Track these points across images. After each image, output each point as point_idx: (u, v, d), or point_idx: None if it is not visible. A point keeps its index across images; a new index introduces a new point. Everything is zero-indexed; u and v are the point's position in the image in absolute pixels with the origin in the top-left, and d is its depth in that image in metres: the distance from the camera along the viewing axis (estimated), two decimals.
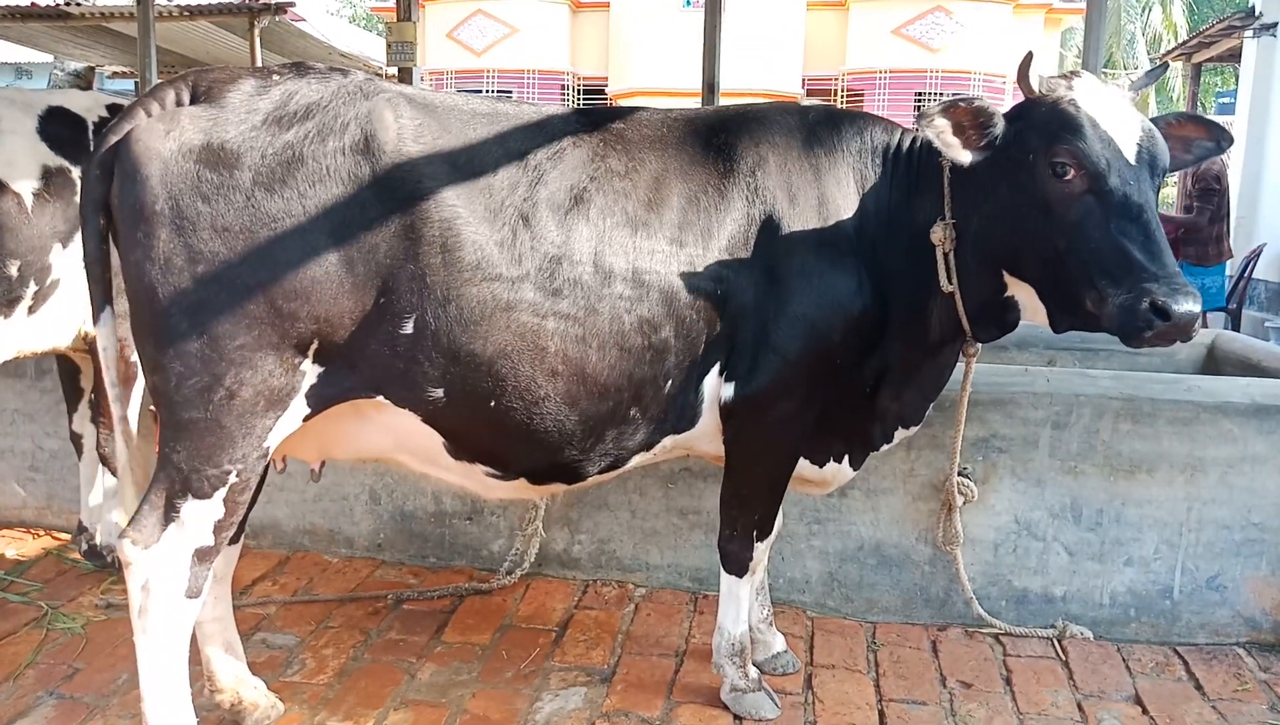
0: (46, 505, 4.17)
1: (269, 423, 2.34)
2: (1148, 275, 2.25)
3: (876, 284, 2.63)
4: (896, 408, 2.84)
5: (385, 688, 3.03)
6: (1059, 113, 2.39)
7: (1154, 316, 2.22)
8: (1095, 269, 2.32)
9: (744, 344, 2.59)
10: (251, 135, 2.25)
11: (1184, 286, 2.23)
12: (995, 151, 2.45)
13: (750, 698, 2.93)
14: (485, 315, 2.36)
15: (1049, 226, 2.39)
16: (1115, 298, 2.27)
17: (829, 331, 2.59)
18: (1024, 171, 2.42)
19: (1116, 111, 2.40)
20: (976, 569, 3.49)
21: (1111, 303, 2.28)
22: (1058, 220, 2.38)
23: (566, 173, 2.48)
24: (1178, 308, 2.20)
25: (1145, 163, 2.37)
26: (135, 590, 2.35)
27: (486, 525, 3.83)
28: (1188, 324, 2.22)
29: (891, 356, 2.72)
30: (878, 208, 2.66)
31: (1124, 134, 2.37)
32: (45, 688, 2.97)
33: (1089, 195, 2.34)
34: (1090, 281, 2.33)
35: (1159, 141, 2.42)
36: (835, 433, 2.85)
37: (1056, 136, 2.36)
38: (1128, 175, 2.33)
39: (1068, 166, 2.34)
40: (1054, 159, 2.35)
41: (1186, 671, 3.27)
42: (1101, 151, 2.34)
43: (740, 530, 2.87)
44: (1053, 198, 2.37)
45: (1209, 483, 3.39)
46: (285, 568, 3.85)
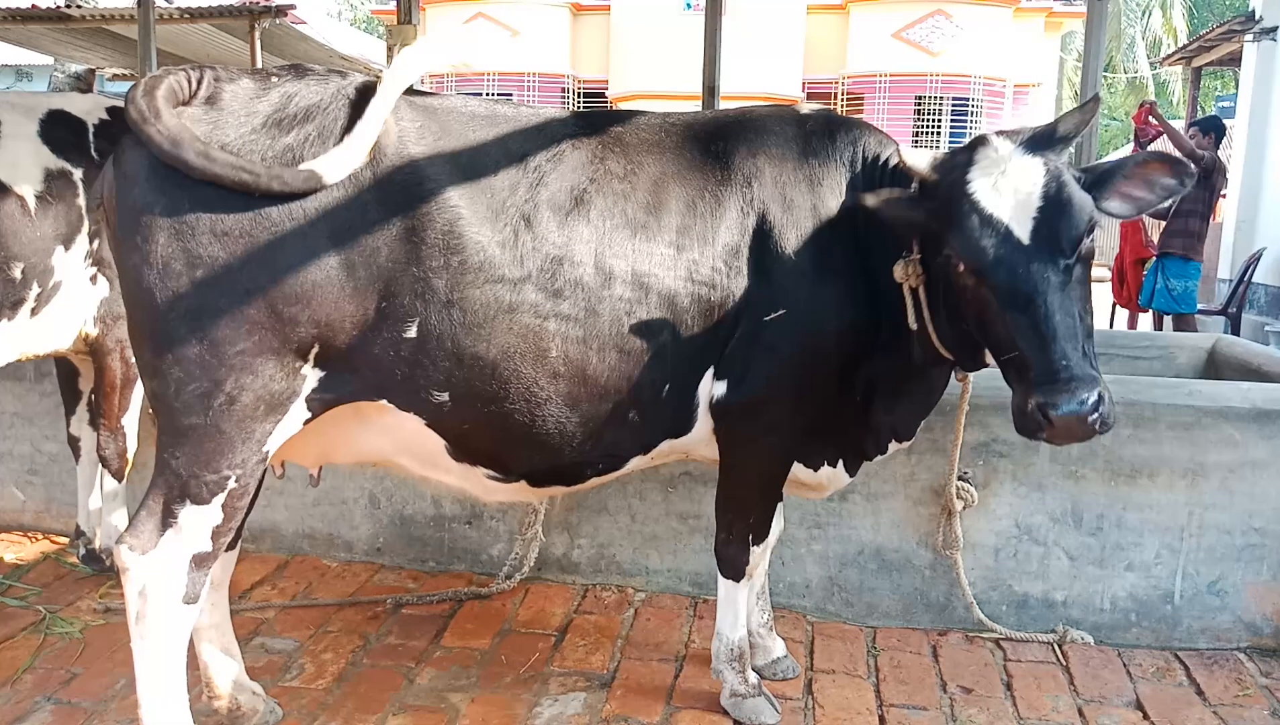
0: (45, 509, 4.16)
1: (269, 428, 2.33)
2: (1037, 374, 2.21)
3: (869, 293, 2.62)
4: (889, 421, 2.82)
5: (384, 693, 3.02)
6: (947, 201, 2.33)
7: (1039, 418, 2.19)
8: (1004, 366, 2.33)
9: (738, 350, 2.59)
10: (251, 138, 2.23)
11: (1066, 384, 2.15)
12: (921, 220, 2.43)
13: (750, 703, 2.92)
14: (489, 317, 2.36)
15: (961, 311, 2.40)
16: (1014, 397, 2.29)
17: (820, 338, 2.59)
18: (935, 250, 2.41)
19: (1014, 183, 2.28)
20: (977, 574, 3.49)
21: (1012, 401, 2.30)
22: (964, 307, 2.38)
23: (566, 174, 2.48)
24: (1054, 413, 2.15)
25: (1044, 239, 2.24)
26: (133, 596, 2.34)
27: (486, 530, 3.82)
28: (1071, 425, 2.16)
29: (883, 369, 2.71)
30: (868, 219, 2.64)
31: (1019, 211, 2.26)
32: (43, 692, 2.96)
33: (981, 287, 2.30)
34: (1006, 377, 2.36)
35: (1067, 206, 2.26)
36: (828, 439, 2.84)
37: (942, 230, 2.33)
38: (1018, 262, 2.24)
39: (955, 261, 2.32)
40: (944, 252, 2.34)
41: (1188, 676, 3.27)
42: (985, 243, 2.25)
43: (735, 534, 2.86)
44: (956, 286, 2.37)
45: (1210, 487, 3.39)
46: (284, 572, 3.84)
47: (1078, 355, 2.20)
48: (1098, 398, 2.17)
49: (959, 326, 2.48)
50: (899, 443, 2.90)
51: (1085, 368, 2.20)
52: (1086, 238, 2.29)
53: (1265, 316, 10.96)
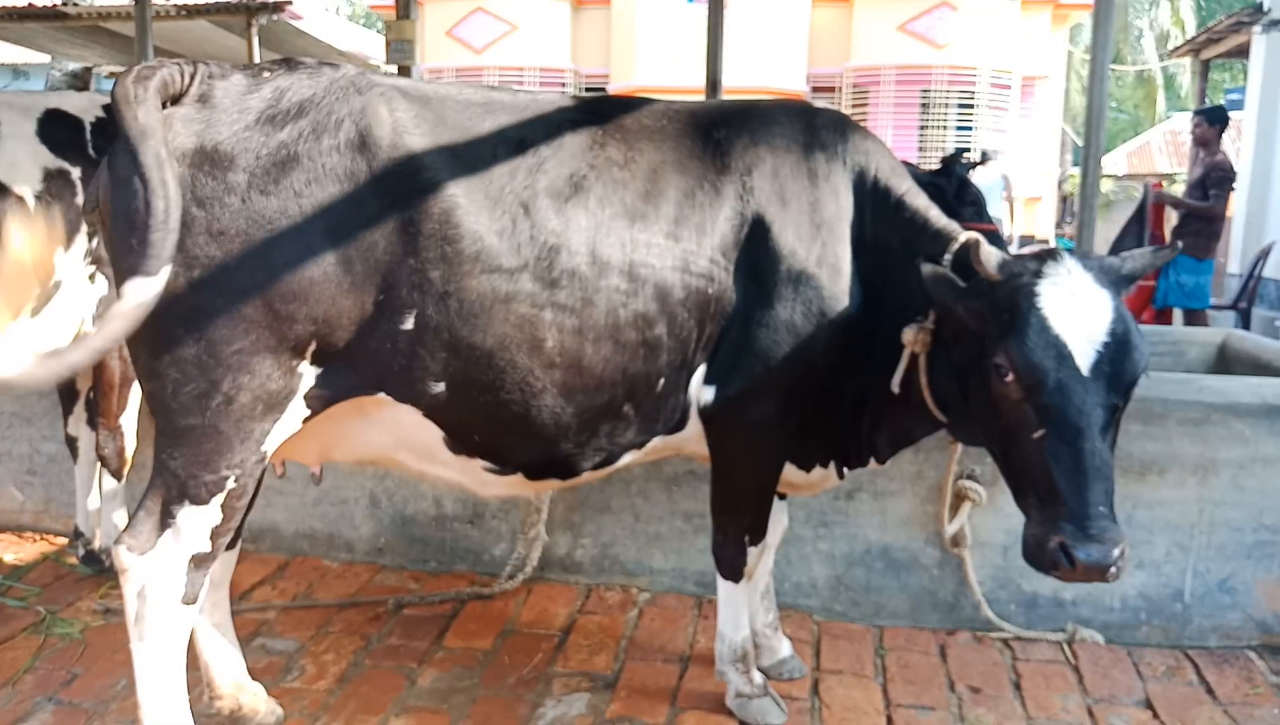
0: (44, 509, 4.14)
1: (267, 427, 2.31)
2: (1064, 512, 2.14)
3: (865, 301, 2.58)
4: (872, 439, 2.78)
5: (386, 694, 2.99)
6: (1012, 304, 2.23)
7: (1061, 557, 2.14)
8: (1025, 480, 2.27)
9: (729, 347, 2.56)
10: (245, 136, 2.20)
11: (1098, 532, 2.11)
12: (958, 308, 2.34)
13: (756, 703, 2.89)
14: (485, 307, 2.33)
15: (992, 416, 2.32)
16: (1031, 525, 2.23)
17: (812, 339, 2.54)
18: (975, 351, 2.33)
19: (1084, 311, 2.20)
20: (986, 572, 3.45)
21: (1028, 528, 2.25)
22: (997, 417, 2.30)
23: (565, 161, 2.45)
24: (1082, 557, 2.11)
25: (1103, 375, 2.18)
26: (131, 597, 2.32)
27: (488, 529, 3.79)
28: (1093, 572, 2.12)
29: (874, 387, 2.66)
30: (875, 239, 2.61)
31: (1084, 340, 2.18)
32: (44, 693, 2.95)
33: (1025, 404, 2.21)
34: (1019, 490, 2.31)
35: (1130, 349, 2.20)
36: (820, 441, 2.80)
37: (1001, 332, 2.22)
38: (1074, 389, 2.16)
39: (1006, 370, 2.22)
40: (994, 357, 2.24)
41: (1198, 675, 3.23)
42: (1045, 360, 2.17)
43: (731, 535, 2.83)
44: (995, 394, 2.27)
45: (1220, 484, 3.35)
46: (285, 572, 3.82)
47: (1109, 500, 2.16)
48: (1121, 552, 2.13)
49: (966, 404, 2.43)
50: (877, 462, 2.85)
51: (1113, 518, 2.15)
52: (1136, 386, 2.24)
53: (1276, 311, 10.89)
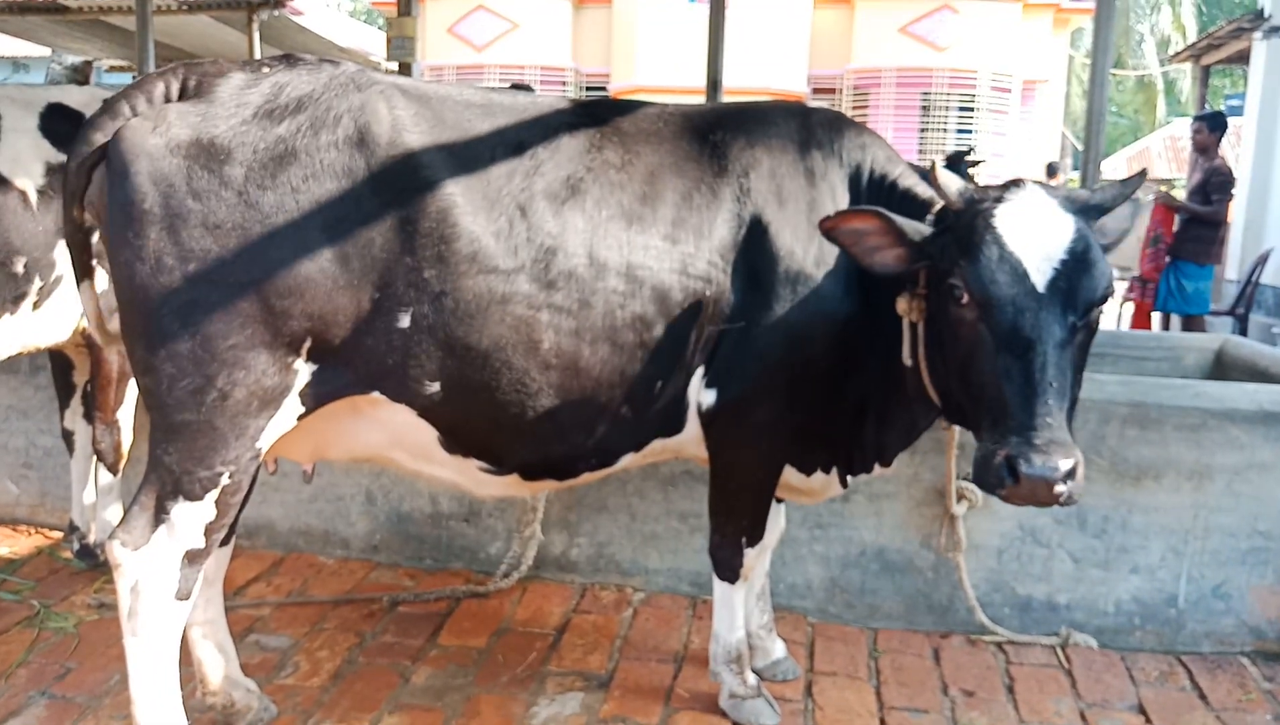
0: (40, 503, 4.14)
1: (262, 423, 2.31)
2: (1012, 426, 2.10)
3: (864, 302, 2.57)
4: (876, 442, 2.77)
5: (380, 691, 2.99)
6: (968, 229, 2.24)
7: (1004, 472, 2.09)
8: (979, 405, 2.23)
9: (727, 348, 2.55)
10: (242, 130, 2.21)
11: (1043, 442, 2.05)
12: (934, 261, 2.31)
13: (749, 704, 2.89)
14: (481, 308, 2.33)
15: (952, 345, 2.29)
16: (982, 444, 2.19)
17: (811, 340, 2.54)
18: (939, 284, 2.31)
19: (1041, 230, 2.20)
20: (980, 576, 3.45)
21: (978, 447, 2.20)
22: (955, 344, 2.28)
23: (563, 163, 2.45)
24: (1024, 468, 2.05)
25: (1059, 292, 2.16)
26: (125, 592, 2.32)
27: (484, 527, 3.79)
28: (1038, 486, 2.05)
29: (875, 388, 2.66)
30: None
31: (1039, 257, 2.17)
32: (37, 687, 2.94)
33: (980, 324, 2.20)
34: (975, 416, 2.26)
35: (1090, 267, 2.18)
36: (822, 445, 2.79)
37: (956, 255, 2.23)
38: (1027, 306, 2.15)
39: (960, 291, 2.21)
40: (951, 280, 2.23)
41: (1191, 681, 3.23)
42: (999, 278, 2.16)
43: (728, 537, 2.83)
44: (952, 318, 2.26)
45: (1216, 490, 3.35)
46: (279, 569, 3.82)
47: (1061, 418, 2.11)
48: (1072, 467, 2.07)
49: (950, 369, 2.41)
50: (881, 467, 2.84)
51: (1066, 434, 2.11)
52: (1098, 307, 2.22)
53: (1273, 317, 10.90)
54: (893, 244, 2.34)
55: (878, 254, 2.34)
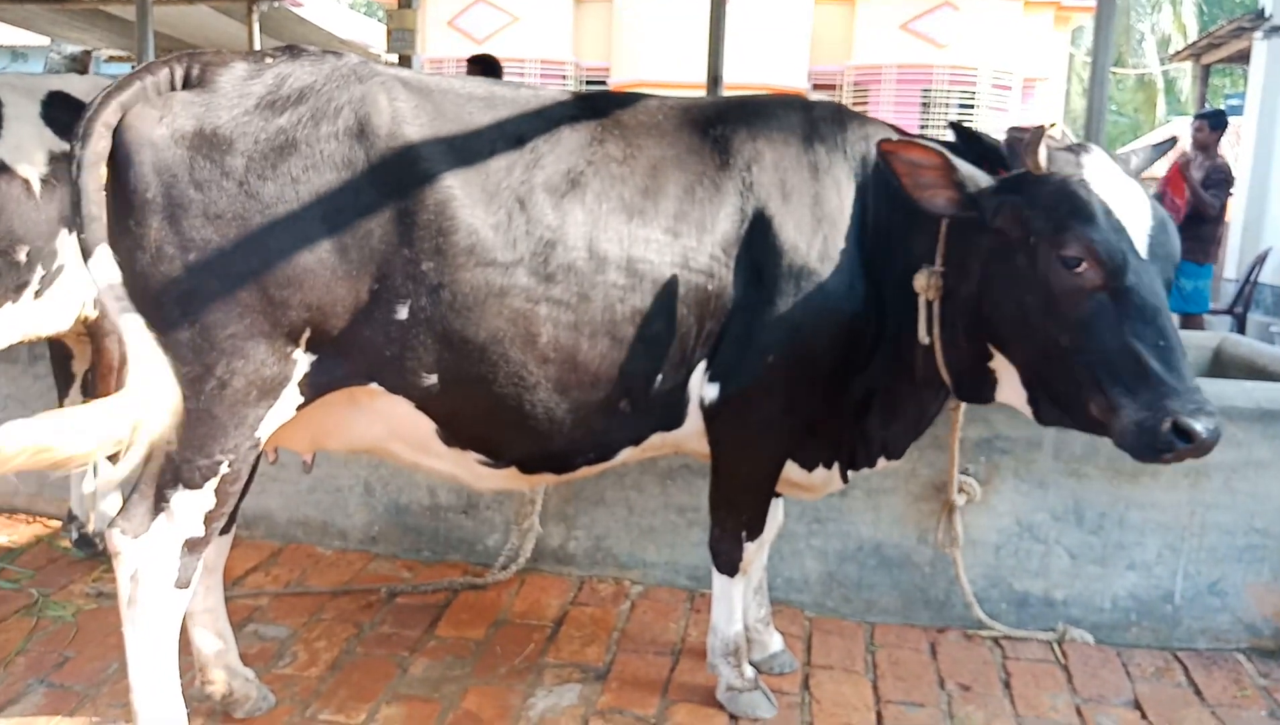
0: (38, 492, 4.13)
1: (261, 412, 2.31)
2: (1167, 390, 2.09)
3: (870, 293, 2.57)
4: (883, 436, 2.77)
5: (378, 682, 3.00)
6: (1069, 195, 2.20)
7: (1175, 439, 2.07)
8: (1106, 375, 2.16)
9: (730, 343, 2.55)
10: (244, 120, 2.21)
11: (1206, 403, 2.08)
12: (984, 218, 2.30)
13: (746, 697, 2.90)
14: (479, 300, 2.33)
15: (1051, 318, 2.23)
16: (1130, 413, 2.12)
17: (815, 335, 2.54)
18: (1024, 253, 2.26)
19: (1129, 196, 2.21)
20: (978, 571, 3.46)
21: (1126, 418, 2.13)
22: (1063, 315, 2.21)
23: (564, 157, 2.44)
24: (1202, 429, 2.05)
25: (1159, 257, 2.19)
26: (124, 580, 2.32)
27: (482, 520, 3.80)
28: (1211, 446, 2.08)
29: (881, 380, 2.67)
30: (876, 223, 2.59)
31: (1137, 223, 2.18)
32: (35, 675, 2.95)
33: (1102, 292, 2.16)
34: (1098, 387, 2.18)
35: (1172, 233, 2.24)
36: (824, 440, 2.80)
37: (1067, 224, 2.18)
38: (1145, 269, 2.15)
39: (1080, 259, 2.16)
40: (1064, 249, 2.17)
41: (1186, 677, 3.24)
42: (1117, 244, 2.15)
43: (729, 530, 2.84)
44: (1059, 290, 2.20)
45: (1212, 487, 3.36)
46: (278, 559, 3.82)
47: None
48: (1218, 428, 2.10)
49: (975, 346, 2.43)
50: (887, 460, 2.84)
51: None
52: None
53: (1271, 316, 10.92)
54: (946, 186, 2.31)
55: (928, 191, 2.32)
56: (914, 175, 2.32)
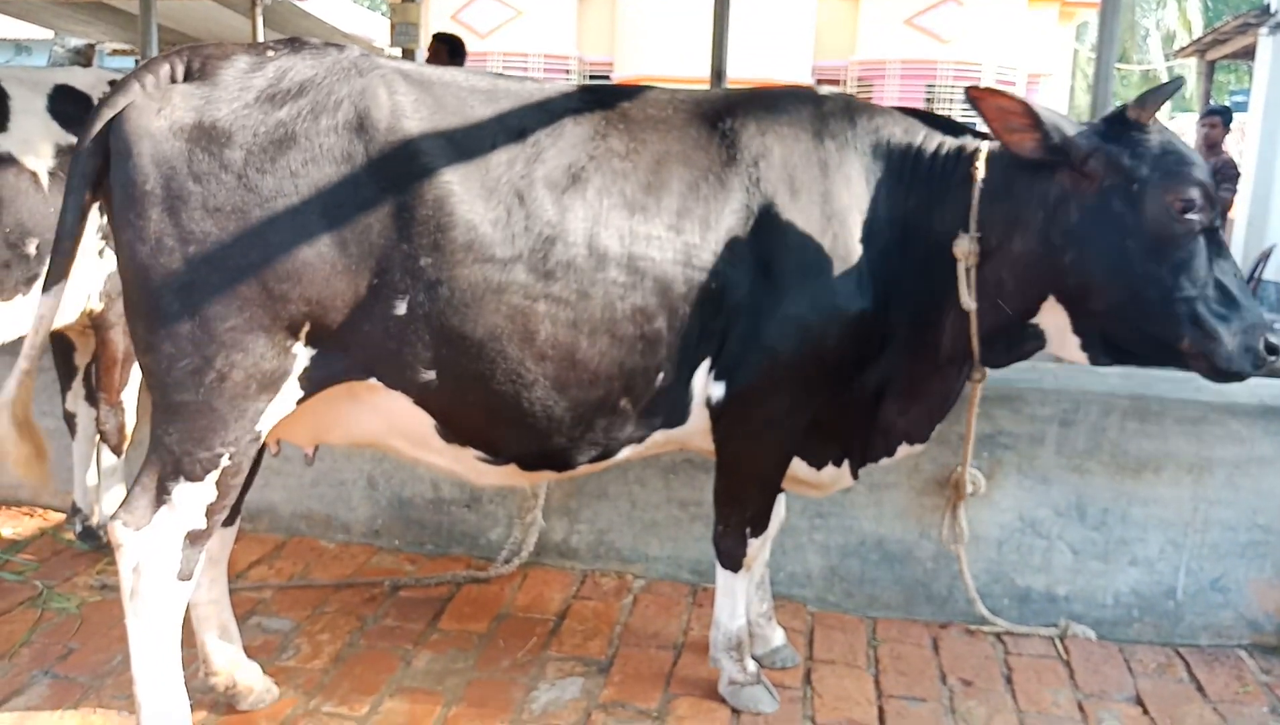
0: (42, 484, 4.13)
1: (261, 406, 2.31)
2: (1252, 314, 2.36)
3: (881, 290, 2.56)
4: (902, 423, 2.77)
5: (381, 674, 3.00)
6: (1174, 146, 2.39)
7: (1269, 354, 2.34)
8: (1204, 308, 2.35)
9: (735, 341, 2.53)
10: (244, 113, 2.20)
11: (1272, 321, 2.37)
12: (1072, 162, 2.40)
13: (748, 691, 2.90)
14: (477, 297, 2.32)
15: (1155, 260, 2.36)
16: (1230, 338, 2.34)
17: (823, 334, 2.53)
18: (1121, 199, 2.37)
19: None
20: (980, 566, 3.46)
21: (1228, 342, 2.34)
22: (1169, 255, 2.36)
23: (565, 151, 2.42)
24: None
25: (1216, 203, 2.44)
26: (126, 572, 2.33)
27: (485, 513, 3.80)
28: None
29: (896, 368, 2.66)
30: (890, 212, 2.59)
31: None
32: (40, 667, 2.96)
33: (1202, 235, 2.36)
34: (1195, 320, 2.36)
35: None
36: (833, 438, 2.79)
37: (1181, 175, 2.34)
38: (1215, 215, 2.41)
39: (1193, 206, 2.33)
40: (1182, 196, 2.33)
41: (1188, 673, 3.24)
42: (1214, 190, 2.40)
43: (733, 526, 2.83)
44: (1169, 233, 2.35)
45: (1215, 483, 3.36)
46: (281, 552, 3.83)
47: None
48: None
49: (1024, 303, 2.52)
50: (910, 446, 2.83)
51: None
52: None
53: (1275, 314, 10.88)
54: (1033, 130, 2.40)
55: (1016, 135, 2.42)
56: (1003, 120, 2.42)
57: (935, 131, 2.67)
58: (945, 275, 2.53)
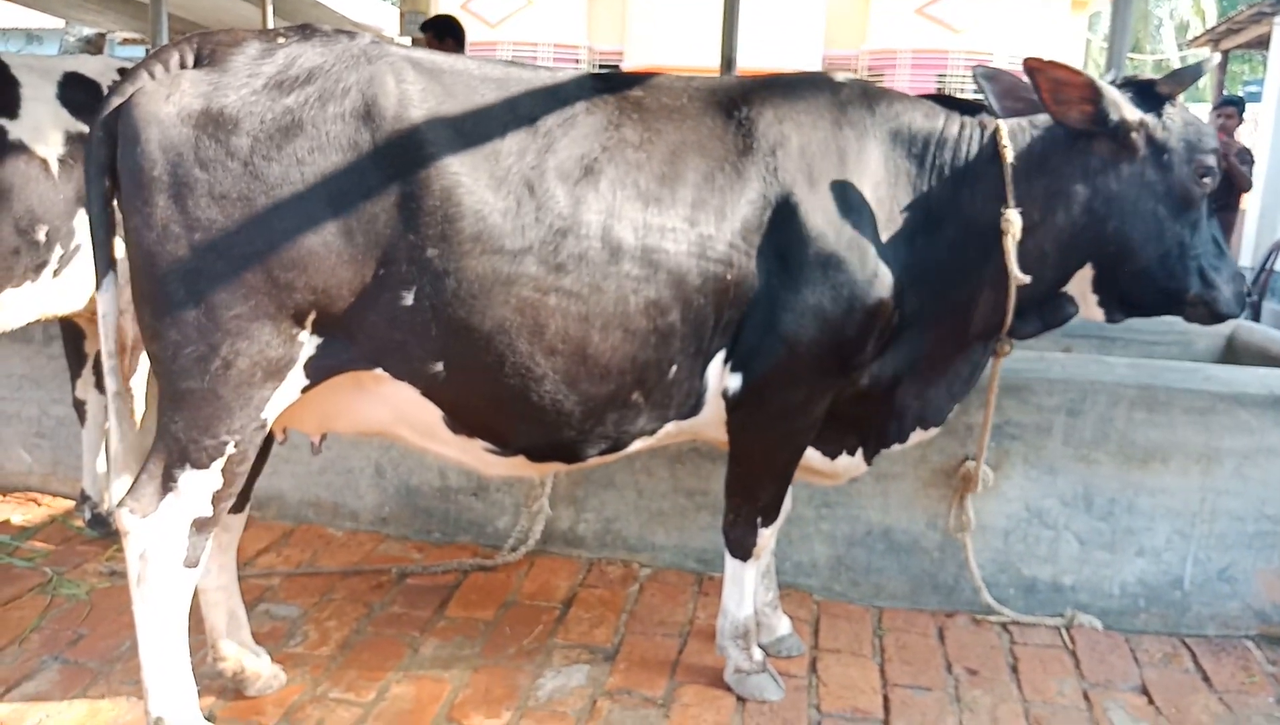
0: (52, 471, 4.17)
1: (266, 394, 2.32)
2: (1235, 264, 2.70)
3: (901, 277, 2.56)
4: (918, 406, 2.77)
5: (387, 661, 3.02)
6: (1194, 121, 2.61)
7: (1246, 297, 2.69)
8: (1208, 261, 2.64)
9: (752, 332, 2.52)
10: (251, 100, 2.20)
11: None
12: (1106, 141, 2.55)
13: (754, 679, 2.90)
14: (485, 289, 2.30)
15: (1179, 222, 2.60)
16: (1226, 285, 2.65)
17: (842, 324, 2.52)
18: (1155, 169, 2.57)
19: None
20: (986, 556, 3.46)
21: (1225, 289, 2.65)
22: (1189, 217, 2.60)
23: (578, 141, 2.39)
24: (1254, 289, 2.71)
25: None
26: (133, 559, 2.34)
27: (492, 502, 3.81)
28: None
29: (918, 352, 2.66)
30: (913, 197, 2.59)
31: None
32: (50, 652, 2.98)
33: (1207, 198, 2.62)
34: (1202, 273, 2.64)
35: None
36: (848, 426, 2.79)
37: (1202, 146, 2.58)
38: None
39: (1210, 172, 2.58)
40: (1205, 163, 2.57)
41: (1194, 663, 3.24)
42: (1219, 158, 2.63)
43: (744, 516, 2.83)
44: (1189, 198, 2.59)
45: (1223, 474, 3.34)
46: (289, 540, 3.85)
47: None
48: None
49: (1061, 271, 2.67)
50: (924, 430, 2.84)
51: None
52: None
53: None
54: (1087, 102, 2.53)
55: (1066, 106, 2.54)
56: (1056, 92, 2.53)
57: (955, 113, 2.70)
58: (976, 254, 2.60)
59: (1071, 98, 2.52)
